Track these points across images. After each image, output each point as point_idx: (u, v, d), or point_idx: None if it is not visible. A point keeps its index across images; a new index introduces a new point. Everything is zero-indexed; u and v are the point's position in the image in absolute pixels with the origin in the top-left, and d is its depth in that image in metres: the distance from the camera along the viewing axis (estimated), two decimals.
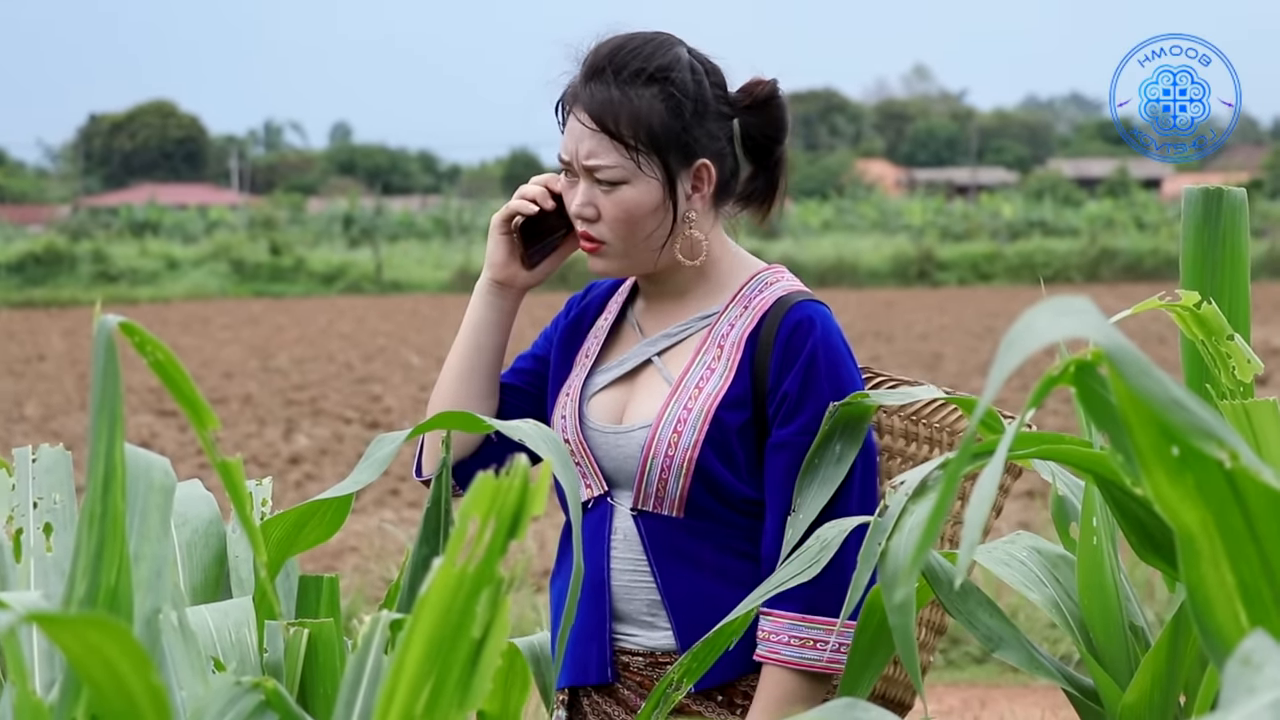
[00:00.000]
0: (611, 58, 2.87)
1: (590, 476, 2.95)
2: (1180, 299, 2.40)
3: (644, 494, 2.90)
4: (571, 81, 2.91)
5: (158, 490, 1.97)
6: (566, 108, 2.91)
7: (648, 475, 2.89)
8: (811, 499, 2.68)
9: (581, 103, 2.88)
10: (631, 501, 2.92)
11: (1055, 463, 2.71)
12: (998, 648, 2.43)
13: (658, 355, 2.97)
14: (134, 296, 38.27)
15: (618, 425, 2.94)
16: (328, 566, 9.39)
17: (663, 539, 2.90)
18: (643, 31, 2.92)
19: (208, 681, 2.01)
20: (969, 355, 21.66)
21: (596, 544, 2.94)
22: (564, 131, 2.92)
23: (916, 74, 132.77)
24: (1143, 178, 69.03)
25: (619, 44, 2.89)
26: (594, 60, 2.89)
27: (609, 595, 2.92)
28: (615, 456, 2.93)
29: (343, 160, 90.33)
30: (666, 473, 2.87)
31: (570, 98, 2.90)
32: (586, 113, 2.87)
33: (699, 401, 2.88)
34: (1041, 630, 7.48)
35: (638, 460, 2.90)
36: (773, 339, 2.91)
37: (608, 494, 2.94)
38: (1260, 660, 1.32)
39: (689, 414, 2.88)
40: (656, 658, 2.92)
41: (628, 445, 2.91)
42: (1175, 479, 1.55)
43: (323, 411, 17.14)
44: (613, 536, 2.93)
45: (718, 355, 2.92)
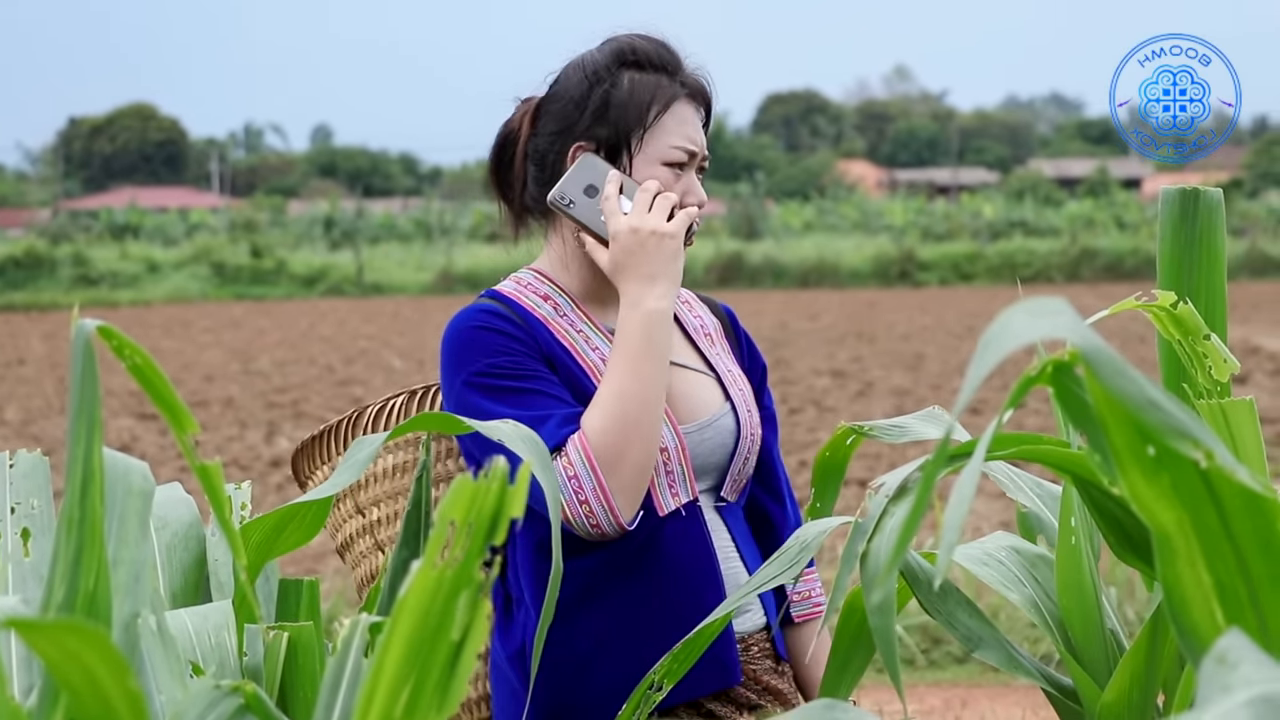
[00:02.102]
0: (679, 53, 2.98)
1: (680, 484, 2.91)
2: (1157, 299, 2.40)
3: (733, 480, 3.00)
4: (658, 81, 2.94)
5: (136, 495, 1.97)
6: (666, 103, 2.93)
7: (739, 457, 2.98)
8: (826, 496, 2.70)
9: (697, 94, 2.97)
10: (717, 494, 2.98)
11: (1025, 473, 2.72)
12: (977, 648, 2.44)
13: None
14: (115, 300, 38.20)
15: (698, 420, 2.94)
16: (308, 569, 9.38)
17: (739, 524, 3.02)
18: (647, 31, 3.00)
19: (186, 685, 2.01)
20: (950, 355, 21.68)
21: (701, 543, 2.92)
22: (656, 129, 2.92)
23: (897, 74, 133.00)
24: (1123, 177, 69.18)
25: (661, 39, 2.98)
26: (675, 56, 2.97)
27: (724, 589, 2.91)
28: (701, 453, 2.94)
29: (323, 162, 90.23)
30: (750, 452, 3.01)
31: (679, 93, 2.94)
32: (702, 102, 2.98)
33: (741, 383, 3.04)
34: (1022, 630, 7.49)
35: (729, 447, 2.97)
36: (730, 323, 3.15)
37: (696, 497, 2.94)
38: (1236, 659, 1.33)
39: (744, 395, 3.02)
40: (746, 641, 2.98)
41: (716, 436, 2.95)
42: (1151, 479, 1.55)
43: (304, 414, 17.11)
44: (712, 533, 2.95)
45: (710, 342, 3.07)
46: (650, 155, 2.91)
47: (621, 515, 2.77)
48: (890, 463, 12.21)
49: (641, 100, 2.90)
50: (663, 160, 2.91)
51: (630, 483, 2.76)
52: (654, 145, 2.91)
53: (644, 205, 2.86)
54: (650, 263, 2.83)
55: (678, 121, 2.92)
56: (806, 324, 27.36)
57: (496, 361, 2.84)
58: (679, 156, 2.91)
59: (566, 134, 2.93)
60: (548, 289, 2.97)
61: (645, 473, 2.78)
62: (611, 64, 2.93)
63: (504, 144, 3.02)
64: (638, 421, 2.77)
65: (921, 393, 17.29)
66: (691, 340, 3.04)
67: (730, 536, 2.97)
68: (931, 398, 16.60)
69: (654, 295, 2.82)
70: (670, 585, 2.87)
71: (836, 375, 19.33)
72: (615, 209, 2.86)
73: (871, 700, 6.63)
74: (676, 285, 2.86)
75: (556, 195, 2.89)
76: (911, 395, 17.04)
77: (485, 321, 2.88)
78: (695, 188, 2.94)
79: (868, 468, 11.92)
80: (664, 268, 2.84)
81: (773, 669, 3.00)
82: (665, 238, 2.83)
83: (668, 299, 2.83)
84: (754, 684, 2.97)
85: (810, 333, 25.46)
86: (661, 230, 2.83)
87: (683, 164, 2.92)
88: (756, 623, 2.99)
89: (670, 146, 2.91)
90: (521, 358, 2.86)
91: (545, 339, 2.90)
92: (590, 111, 2.92)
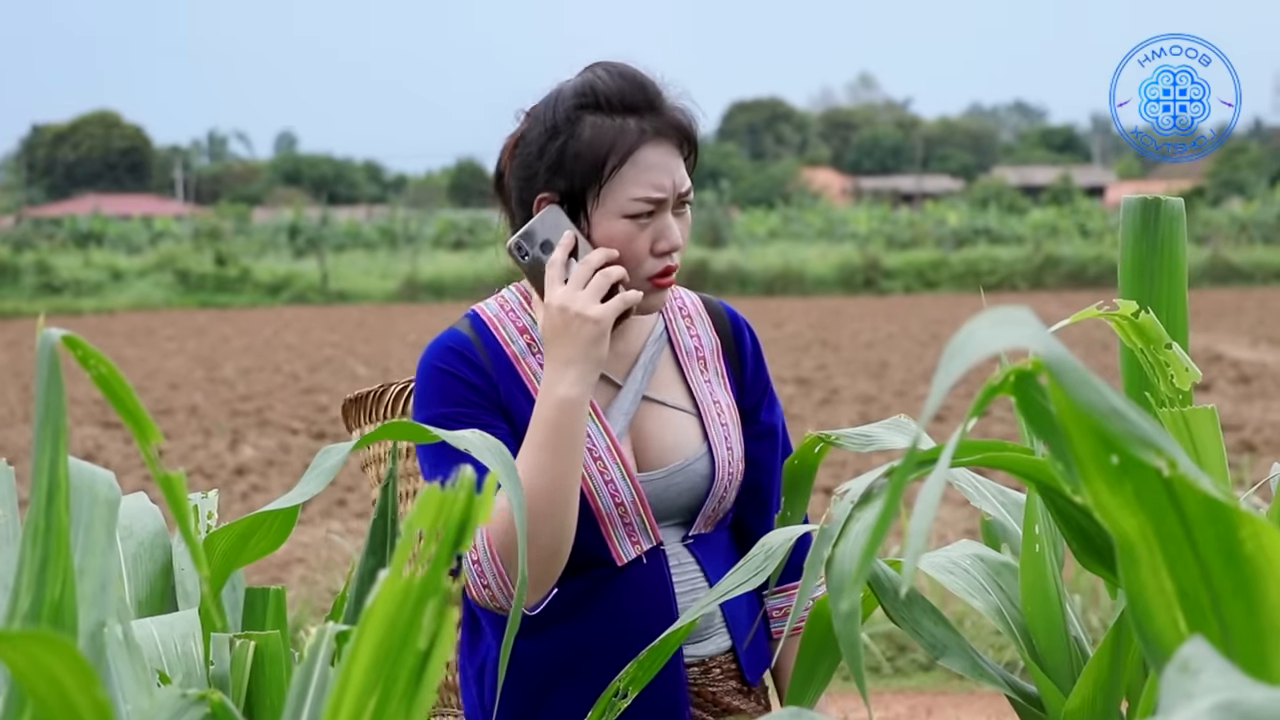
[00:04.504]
0: (653, 85, 2.83)
1: (641, 532, 2.88)
2: (1119, 308, 2.41)
3: (704, 519, 2.95)
4: (617, 127, 2.78)
5: (102, 504, 1.97)
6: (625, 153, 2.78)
7: (713, 499, 2.94)
8: (796, 503, 2.70)
9: (665, 133, 2.81)
10: (685, 532, 2.94)
11: (989, 480, 2.73)
12: (943, 655, 2.45)
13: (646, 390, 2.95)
14: (78, 308, 38.06)
15: (669, 465, 2.90)
16: (274, 578, 9.35)
17: (711, 554, 2.97)
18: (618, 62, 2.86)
19: (153, 695, 2.01)
20: (915, 363, 21.73)
21: (661, 588, 2.90)
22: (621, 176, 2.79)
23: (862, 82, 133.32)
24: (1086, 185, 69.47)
25: (641, 73, 2.84)
26: (643, 93, 2.81)
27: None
28: (666, 496, 2.90)
29: (288, 170, 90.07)
30: (728, 489, 2.95)
31: (643, 138, 2.79)
32: (682, 138, 2.83)
33: (728, 414, 2.98)
34: (987, 638, 7.51)
35: (701, 490, 2.92)
36: (735, 338, 3.04)
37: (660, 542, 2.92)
38: (1198, 666, 1.34)
39: (727, 429, 2.96)
40: (705, 664, 2.97)
41: (686, 480, 2.91)
42: (1114, 487, 1.56)
43: (269, 422, 17.06)
44: (670, 566, 2.92)
45: (702, 367, 2.99)
46: (610, 209, 2.79)
47: (526, 602, 2.73)
48: (855, 470, 12.23)
49: (598, 152, 2.77)
50: (623, 213, 2.78)
51: (535, 574, 2.69)
52: (613, 198, 2.78)
53: (579, 281, 2.74)
54: (569, 346, 2.72)
55: (641, 169, 2.78)
56: (771, 331, 27.39)
57: (449, 413, 2.81)
58: (641, 209, 2.78)
59: (531, 182, 2.82)
60: (527, 321, 2.90)
61: (552, 562, 2.72)
62: (571, 109, 2.79)
63: (497, 165, 2.91)
64: (541, 516, 2.68)
65: (886, 400, 17.32)
66: (681, 368, 2.98)
67: (699, 568, 2.94)
68: (896, 405, 16.64)
69: (566, 382, 2.71)
70: (623, 626, 2.86)
71: (801, 383, 19.35)
72: (555, 278, 2.76)
73: (837, 708, 6.63)
74: (596, 370, 2.73)
75: (513, 245, 2.81)
76: (876, 402, 17.06)
77: (450, 364, 2.84)
78: (668, 231, 2.80)
79: (833, 475, 11.94)
80: (582, 353, 2.71)
81: (737, 690, 2.98)
82: (588, 322, 2.71)
83: (580, 386, 2.71)
84: (712, 705, 2.96)
85: (775, 340, 25.49)
86: (586, 314, 2.72)
87: (649, 213, 2.79)
88: (721, 645, 2.97)
89: (630, 199, 2.78)
90: (476, 410, 2.82)
91: (507, 386, 2.85)
92: (547, 165, 2.80)
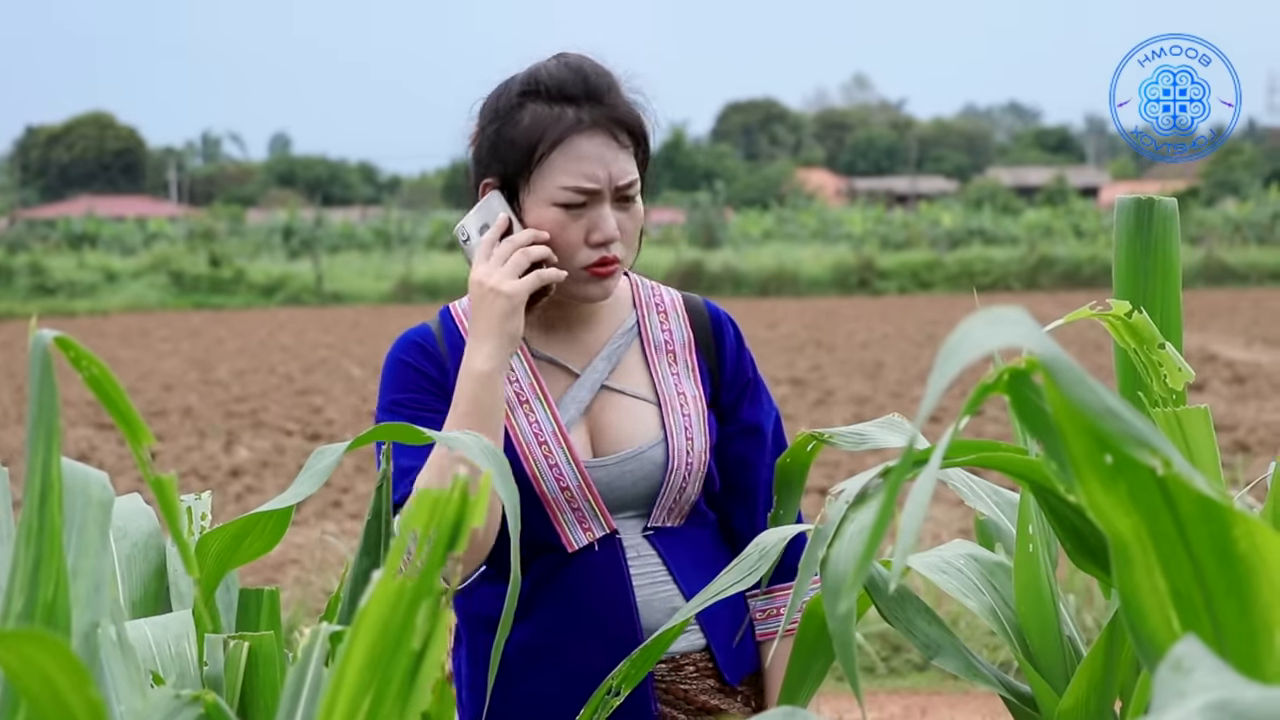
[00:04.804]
0: (600, 76, 2.85)
1: (592, 519, 2.90)
2: (1112, 308, 2.41)
3: (662, 509, 2.94)
4: (551, 115, 2.81)
5: (95, 505, 1.97)
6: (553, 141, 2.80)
7: (670, 489, 2.92)
8: (788, 503, 2.69)
9: (601, 124, 2.82)
10: (644, 523, 2.94)
11: (983, 480, 2.73)
12: (936, 655, 2.45)
13: (607, 379, 2.96)
14: (72, 309, 38.04)
15: (621, 452, 2.91)
16: (268, 579, 9.35)
17: (675, 548, 2.95)
18: (574, 54, 2.89)
19: (147, 695, 2.00)
20: (910, 364, 21.73)
21: (616, 577, 2.91)
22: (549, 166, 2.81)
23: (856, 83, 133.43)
24: (1080, 186, 69.51)
25: (590, 65, 2.86)
26: (585, 83, 2.83)
27: (638, 619, 2.91)
28: (620, 484, 2.91)
29: (282, 171, 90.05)
30: (687, 481, 2.93)
31: (575, 127, 2.81)
32: (620, 129, 2.83)
33: (692, 406, 2.96)
34: (981, 637, 7.52)
35: (656, 478, 2.92)
36: (713, 336, 3.02)
37: (615, 531, 2.92)
38: (1191, 665, 1.34)
39: (690, 420, 2.95)
40: (677, 661, 2.96)
41: (639, 468, 2.91)
42: (1109, 487, 1.56)
43: (263, 424, 17.06)
44: (629, 561, 2.93)
45: (671, 361, 2.99)
46: (540, 196, 2.82)
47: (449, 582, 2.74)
48: (849, 470, 12.24)
49: (530, 139, 2.80)
50: (553, 201, 2.81)
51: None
52: (543, 186, 2.81)
53: (500, 258, 2.79)
54: (484, 320, 2.77)
55: (572, 159, 2.80)
56: (766, 332, 27.39)
57: (399, 399, 2.88)
58: (569, 198, 2.80)
59: (478, 168, 2.88)
60: None
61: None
62: (515, 97, 2.83)
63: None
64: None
65: (881, 400, 17.33)
66: (648, 360, 2.99)
67: (662, 561, 2.93)
68: (891, 405, 16.64)
69: (481, 355, 2.76)
70: (578, 614, 2.88)
71: (796, 383, 19.35)
72: (481, 256, 2.81)
73: (831, 708, 6.64)
74: (510, 345, 2.77)
75: (458, 229, 2.87)
76: (871, 403, 17.07)
77: (406, 353, 2.93)
78: (602, 223, 2.81)
79: (827, 475, 11.94)
80: (496, 327, 2.76)
81: (716, 689, 2.97)
82: (500, 297, 2.76)
83: (495, 360, 2.75)
84: (686, 704, 2.95)
85: (769, 341, 25.49)
86: (500, 289, 2.76)
87: (581, 203, 2.81)
88: (694, 643, 2.96)
89: (560, 187, 2.80)
90: (426, 396, 2.88)
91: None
92: (487, 149, 2.85)
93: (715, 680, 2.97)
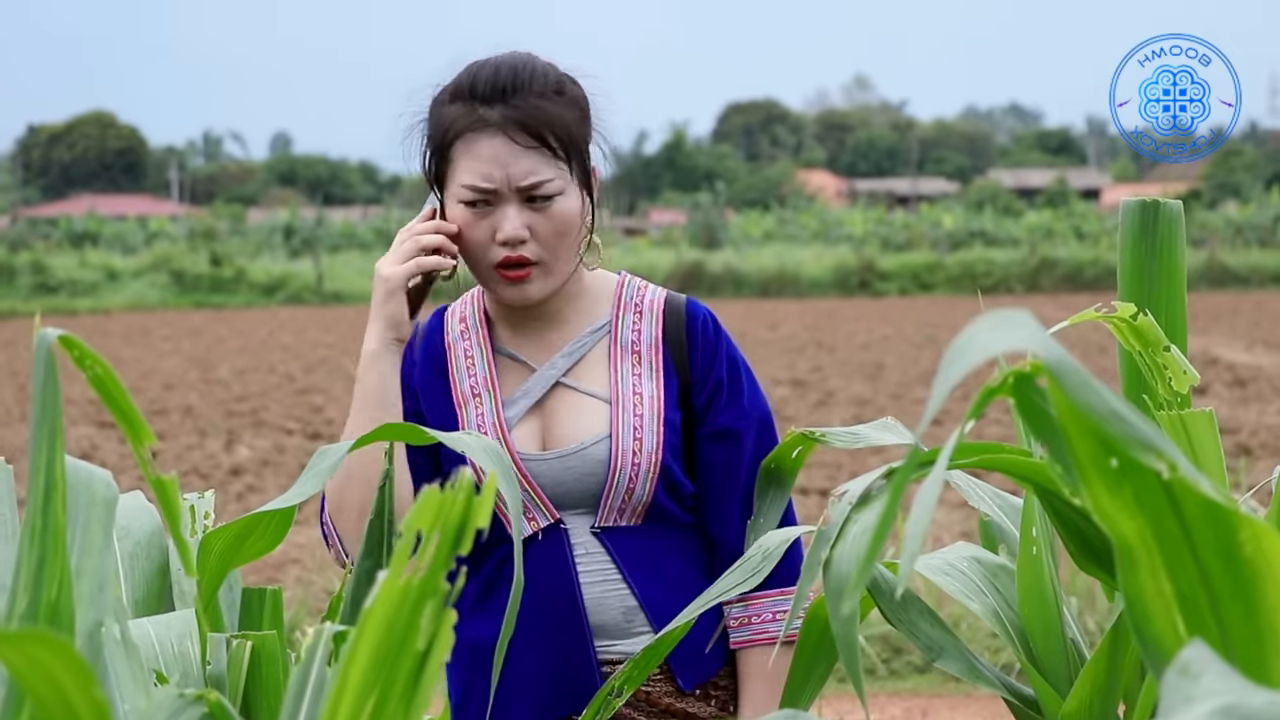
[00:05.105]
0: (514, 76, 2.87)
1: (535, 508, 2.92)
2: (1117, 310, 2.41)
3: (609, 508, 2.93)
4: (459, 112, 2.87)
5: (99, 503, 1.96)
6: (453, 139, 2.87)
7: (615, 487, 2.91)
8: (770, 505, 2.69)
9: (499, 125, 2.85)
10: (593, 520, 2.94)
11: (983, 483, 2.73)
12: (939, 657, 2.44)
13: (564, 376, 2.97)
14: (74, 308, 38.05)
15: (565, 447, 2.92)
16: (269, 578, 9.35)
17: (629, 549, 2.94)
18: (511, 52, 2.92)
19: (150, 694, 2.00)
20: (910, 365, 21.73)
21: (560, 569, 2.92)
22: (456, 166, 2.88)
23: (857, 84, 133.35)
24: (1082, 188, 69.52)
25: (512, 64, 2.89)
26: (495, 82, 2.86)
27: (585, 614, 2.92)
28: (565, 480, 2.91)
29: (283, 171, 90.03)
30: (634, 481, 2.91)
31: (475, 125, 2.86)
32: (520, 130, 2.84)
33: (646, 406, 2.94)
34: (983, 640, 7.52)
35: (599, 476, 2.91)
36: (685, 336, 2.98)
37: (559, 521, 2.93)
38: (1198, 670, 1.33)
39: (641, 420, 2.92)
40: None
41: (582, 464, 2.91)
42: (1114, 490, 1.56)
43: (264, 423, 17.06)
44: (576, 556, 2.93)
45: (636, 360, 2.97)
46: (450, 193, 2.90)
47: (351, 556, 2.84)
48: (851, 471, 12.23)
49: (438, 136, 2.90)
50: (458, 199, 2.88)
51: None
52: (452, 182, 2.89)
53: (396, 244, 2.91)
54: (372, 302, 2.92)
55: (472, 158, 2.86)
56: (766, 333, 27.40)
57: None
58: (469, 195, 2.87)
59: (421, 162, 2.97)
60: (471, 310, 3.04)
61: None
62: (444, 95, 2.92)
63: None
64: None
65: (881, 402, 17.33)
66: (611, 359, 2.98)
67: (612, 561, 2.92)
68: (891, 407, 16.64)
69: (369, 337, 2.90)
70: (528, 607, 2.88)
71: (796, 385, 19.35)
72: (395, 243, 2.93)
73: (833, 710, 6.64)
74: (393, 328, 2.88)
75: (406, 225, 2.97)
76: (871, 405, 17.07)
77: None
78: (504, 222, 2.86)
79: (829, 477, 11.94)
80: (378, 310, 2.89)
81: (677, 692, 2.95)
82: (380, 280, 2.89)
83: (378, 341, 2.89)
84: (649, 706, 2.94)
85: (770, 342, 25.50)
86: (380, 272, 2.89)
87: (484, 201, 2.86)
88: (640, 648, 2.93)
89: (460, 185, 2.87)
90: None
91: (427, 371, 3.00)
92: (418, 146, 2.95)
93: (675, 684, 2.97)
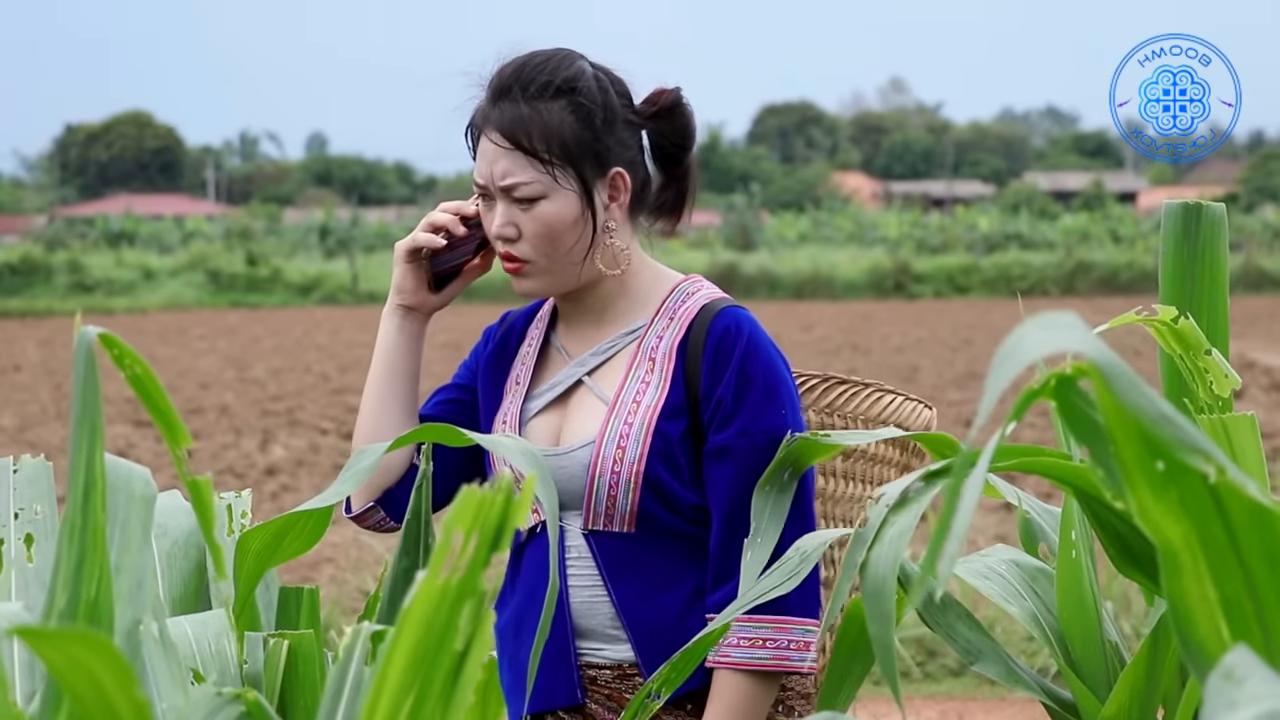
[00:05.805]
0: (516, 76, 2.89)
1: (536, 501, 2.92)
2: (1158, 313, 2.40)
3: (594, 513, 2.91)
4: (479, 106, 2.94)
5: (139, 501, 1.97)
6: (476, 132, 2.93)
7: (596, 493, 2.90)
8: (768, 523, 2.64)
9: (491, 123, 2.89)
10: (581, 522, 2.93)
11: (1016, 488, 2.72)
12: (976, 660, 2.44)
13: (588, 375, 2.98)
14: (110, 307, 38.23)
15: (556, 447, 2.94)
16: (304, 577, 9.37)
17: (615, 556, 2.91)
18: (544, 49, 2.93)
19: (188, 693, 2.01)
20: (945, 368, 21.69)
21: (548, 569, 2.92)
22: (476, 157, 2.94)
23: (893, 86, 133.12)
24: (1118, 191, 69.27)
25: (521, 62, 2.91)
26: (499, 81, 2.91)
27: (569, 614, 2.92)
28: (558, 479, 2.89)
29: (319, 171, 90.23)
30: (615, 489, 2.89)
31: (480, 121, 2.92)
32: (498, 132, 2.88)
33: (638, 415, 2.90)
34: (1019, 643, 7.49)
35: (583, 479, 2.90)
36: (701, 346, 2.91)
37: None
38: (1242, 675, 1.32)
39: (630, 428, 2.89)
40: (624, 669, 2.92)
41: (570, 465, 2.91)
42: (1159, 494, 1.55)
43: (299, 422, 17.11)
44: (567, 556, 2.93)
45: (650, 368, 2.94)
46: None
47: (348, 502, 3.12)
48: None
49: (471, 125, 2.97)
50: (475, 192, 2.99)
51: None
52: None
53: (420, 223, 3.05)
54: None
55: (479, 154, 2.93)
56: (801, 335, 27.37)
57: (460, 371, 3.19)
58: (476, 189, 2.96)
59: None
60: (549, 303, 3.09)
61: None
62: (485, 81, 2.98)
63: None
64: (359, 417, 3.10)
65: None
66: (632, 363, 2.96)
67: (596, 566, 2.91)
68: None
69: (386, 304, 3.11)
70: (523, 599, 2.94)
71: None
72: None
73: (867, 712, 6.63)
74: (396, 293, 3.06)
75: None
76: None
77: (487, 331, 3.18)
78: (496, 218, 2.92)
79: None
80: (392, 278, 3.08)
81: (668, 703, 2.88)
82: (393, 254, 3.07)
83: (389, 303, 3.08)
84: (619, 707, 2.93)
85: (805, 344, 25.47)
86: (396, 247, 3.06)
87: (486, 195, 2.93)
88: (626, 655, 2.91)
89: (475, 176, 2.96)
90: (461, 372, 3.16)
91: (493, 360, 3.10)
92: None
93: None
